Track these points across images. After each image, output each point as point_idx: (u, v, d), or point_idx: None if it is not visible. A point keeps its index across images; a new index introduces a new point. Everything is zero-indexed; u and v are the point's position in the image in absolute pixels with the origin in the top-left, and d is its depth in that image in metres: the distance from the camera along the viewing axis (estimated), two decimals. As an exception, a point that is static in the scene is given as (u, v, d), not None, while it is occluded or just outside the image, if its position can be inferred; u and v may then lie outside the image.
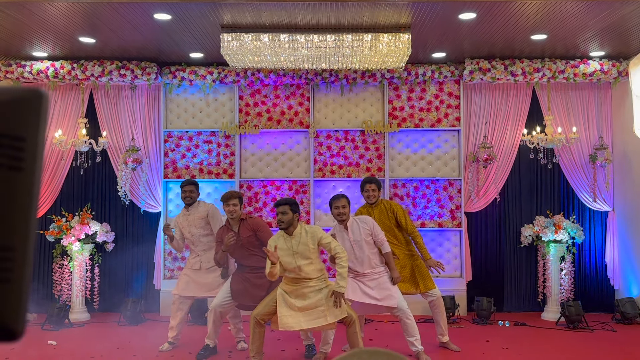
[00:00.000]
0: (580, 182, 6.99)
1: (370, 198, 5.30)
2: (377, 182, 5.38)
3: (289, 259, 4.38)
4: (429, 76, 6.93)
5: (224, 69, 6.92)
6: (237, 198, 5.01)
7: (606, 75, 6.75)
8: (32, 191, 0.57)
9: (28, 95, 0.57)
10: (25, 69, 6.74)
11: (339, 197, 4.89)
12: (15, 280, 0.55)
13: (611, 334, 5.88)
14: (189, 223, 5.39)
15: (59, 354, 5.19)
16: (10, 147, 0.55)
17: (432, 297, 5.19)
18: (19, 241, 0.56)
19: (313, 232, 4.44)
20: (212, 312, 4.99)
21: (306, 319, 4.39)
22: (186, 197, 5.42)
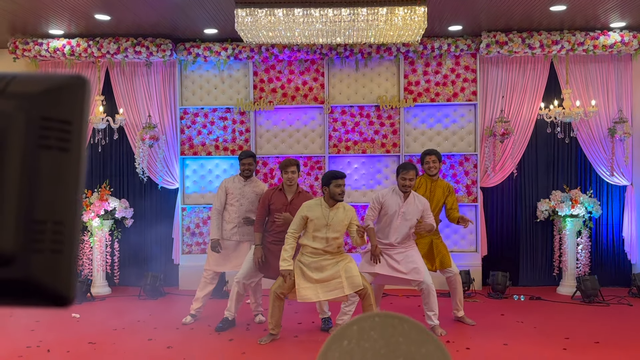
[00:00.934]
0: (598, 156, 6.91)
1: (432, 169, 5.39)
2: (438, 153, 5.48)
3: (322, 228, 4.49)
4: (445, 50, 6.85)
5: (238, 45, 6.91)
6: (294, 165, 5.03)
7: (627, 47, 6.61)
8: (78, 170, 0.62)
9: (72, 82, 0.62)
10: (42, 47, 6.79)
11: (408, 167, 4.86)
12: (66, 252, 0.60)
13: (627, 308, 5.88)
14: (242, 194, 5.37)
15: (82, 326, 5.33)
16: (59, 130, 0.60)
17: (449, 273, 5.23)
18: (68, 216, 0.60)
19: (350, 211, 4.60)
20: (237, 284, 5.04)
21: (323, 291, 4.48)
22: (245, 170, 5.40)
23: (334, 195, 4.50)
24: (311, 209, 4.53)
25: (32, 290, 0.58)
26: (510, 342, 4.64)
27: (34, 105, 0.59)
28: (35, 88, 0.60)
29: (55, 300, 0.60)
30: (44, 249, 0.58)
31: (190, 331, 5.11)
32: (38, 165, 0.58)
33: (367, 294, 4.54)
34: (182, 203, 7.08)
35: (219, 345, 4.66)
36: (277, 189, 5.10)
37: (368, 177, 7.11)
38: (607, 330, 5.00)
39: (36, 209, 0.58)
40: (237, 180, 5.46)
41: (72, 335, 4.96)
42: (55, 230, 0.59)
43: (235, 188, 5.40)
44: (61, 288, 0.59)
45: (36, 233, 0.58)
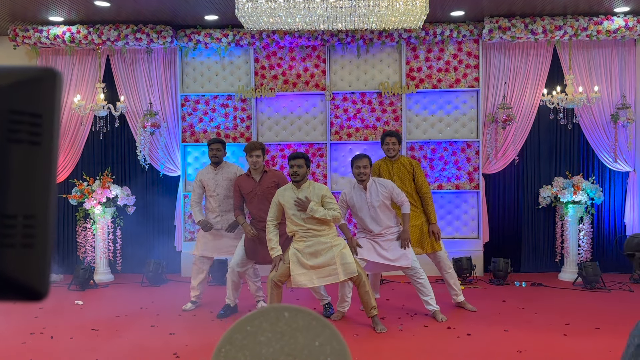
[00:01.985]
0: (600, 142, 6.88)
1: (390, 151, 5.32)
2: (398, 135, 5.41)
3: (294, 211, 4.56)
4: (447, 35, 6.80)
5: (239, 31, 6.87)
6: (259, 149, 5.08)
7: (631, 32, 6.55)
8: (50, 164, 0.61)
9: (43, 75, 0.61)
10: (42, 34, 6.76)
11: (361, 156, 4.90)
12: (38, 245, 0.60)
13: (628, 294, 5.89)
14: (215, 182, 5.41)
15: (85, 312, 5.37)
16: (29, 123, 0.59)
17: (437, 258, 5.21)
18: (40, 209, 0.60)
19: (319, 188, 4.63)
20: (230, 272, 5.10)
21: (318, 277, 4.53)
22: (213, 156, 5.42)
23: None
24: (282, 194, 4.64)
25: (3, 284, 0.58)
26: (511, 328, 4.66)
27: (3, 99, 0.58)
28: (4, 81, 0.59)
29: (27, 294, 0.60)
30: (14, 243, 0.58)
31: (193, 318, 5.15)
32: (8, 160, 0.58)
33: (362, 281, 4.57)
34: (183, 190, 7.09)
35: (221, 331, 4.66)
36: (244, 175, 5.20)
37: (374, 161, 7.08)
38: (608, 317, 5.01)
39: (6, 203, 0.58)
40: (209, 169, 5.50)
41: (75, 322, 5.00)
42: (27, 225, 0.59)
43: (208, 179, 5.45)
44: (33, 282, 0.59)
45: (6, 227, 0.57)
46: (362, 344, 4.28)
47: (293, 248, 4.61)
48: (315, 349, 0.77)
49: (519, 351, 4.09)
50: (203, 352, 4.16)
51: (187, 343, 4.36)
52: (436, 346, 4.24)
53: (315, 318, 0.80)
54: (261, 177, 5.10)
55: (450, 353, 4.09)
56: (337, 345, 0.78)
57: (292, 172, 4.61)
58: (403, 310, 5.29)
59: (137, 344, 4.36)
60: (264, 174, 5.11)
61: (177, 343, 4.36)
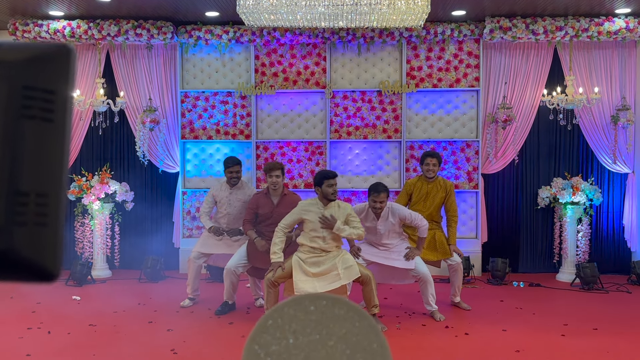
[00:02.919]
0: (600, 143, 6.89)
1: (430, 172, 5.26)
2: (439, 156, 5.35)
3: (318, 228, 4.50)
4: (448, 35, 6.80)
5: (240, 28, 6.86)
6: (279, 169, 5.00)
7: (631, 34, 6.56)
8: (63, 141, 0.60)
9: (56, 50, 0.60)
10: (42, 28, 6.74)
11: (379, 190, 4.74)
12: (51, 224, 0.58)
13: (626, 295, 5.90)
14: (229, 201, 5.37)
15: (83, 308, 5.36)
16: (42, 99, 0.58)
17: (452, 262, 5.23)
18: (53, 188, 0.59)
19: (344, 207, 4.58)
20: (227, 273, 5.08)
21: (321, 284, 4.49)
22: (232, 178, 5.34)
23: (327, 195, 4.51)
24: (307, 210, 4.55)
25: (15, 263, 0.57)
26: (509, 328, 4.66)
27: (16, 74, 0.57)
28: (18, 56, 0.58)
29: (40, 274, 0.58)
30: (27, 221, 0.57)
31: (191, 314, 5.14)
32: (21, 136, 0.57)
33: (367, 279, 4.55)
34: (182, 187, 7.08)
35: (219, 328, 4.69)
36: (262, 193, 5.11)
37: (369, 162, 7.09)
38: (606, 317, 5.02)
39: (19, 181, 0.56)
40: (224, 187, 5.45)
41: (72, 317, 4.99)
42: (39, 203, 0.57)
43: (222, 197, 5.41)
44: (45, 262, 0.58)
45: (19, 205, 0.56)
46: (360, 342, 4.28)
47: (296, 256, 4.58)
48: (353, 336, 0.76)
49: (517, 351, 4.09)
50: (201, 348, 4.15)
51: (185, 339, 4.36)
52: (434, 345, 4.24)
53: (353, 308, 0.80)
54: (279, 199, 5.01)
55: (448, 352, 4.09)
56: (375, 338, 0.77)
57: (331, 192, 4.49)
58: (401, 309, 5.29)
59: (135, 340, 4.35)
60: (283, 197, 5.02)
61: (175, 339, 4.36)
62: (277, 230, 4.59)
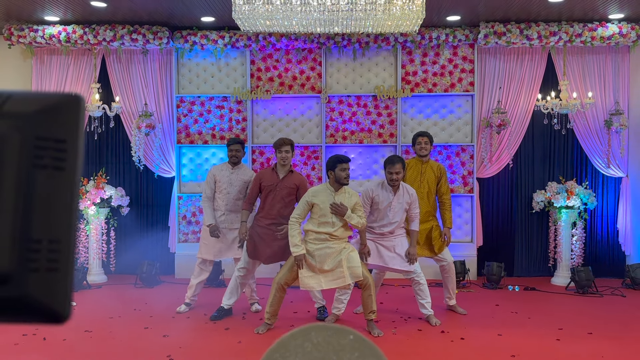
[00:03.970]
0: (594, 148, 6.93)
1: (423, 150, 5.37)
2: (429, 135, 5.46)
3: (328, 213, 4.51)
4: (443, 40, 6.83)
5: (236, 33, 6.87)
6: (289, 145, 5.04)
7: (625, 39, 6.61)
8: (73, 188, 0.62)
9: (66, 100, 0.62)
10: (37, 33, 6.74)
11: (394, 161, 4.80)
12: (62, 269, 0.60)
13: (621, 299, 5.93)
14: (230, 181, 5.35)
15: (78, 314, 5.34)
16: (54, 149, 0.60)
17: (443, 262, 5.25)
18: (64, 233, 0.61)
19: (354, 196, 4.61)
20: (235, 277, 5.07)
21: (326, 280, 4.53)
22: (233, 156, 5.37)
23: (340, 179, 4.54)
24: (317, 194, 4.55)
25: (28, 308, 0.59)
26: (504, 333, 4.68)
27: (29, 125, 0.59)
28: (30, 108, 0.60)
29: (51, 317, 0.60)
30: (40, 267, 0.58)
31: (187, 320, 5.13)
32: (33, 185, 0.58)
33: (367, 284, 4.57)
34: (178, 191, 7.08)
35: (215, 334, 4.69)
36: (269, 169, 5.15)
37: (365, 167, 7.11)
38: (601, 321, 5.04)
39: (32, 228, 0.58)
40: (225, 167, 5.45)
41: (68, 323, 4.94)
42: (51, 249, 0.59)
43: (223, 176, 5.39)
44: (57, 306, 0.60)
45: (32, 252, 0.58)
46: (356, 348, 4.28)
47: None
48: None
49: (512, 356, 4.10)
50: (197, 354, 4.15)
51: (180, 345, 4.35)
52: (430, 350, 4.25)
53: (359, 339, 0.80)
54: (285, 175, 5.04)
55: (444, 357, 4.10)
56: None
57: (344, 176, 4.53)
58: (397, 314, 5.30)
59: (131, 346, 4.34)
60: (289, 174, 5.05)
61: (171, 345, 4.35)
62: (291, 223, 4.57)
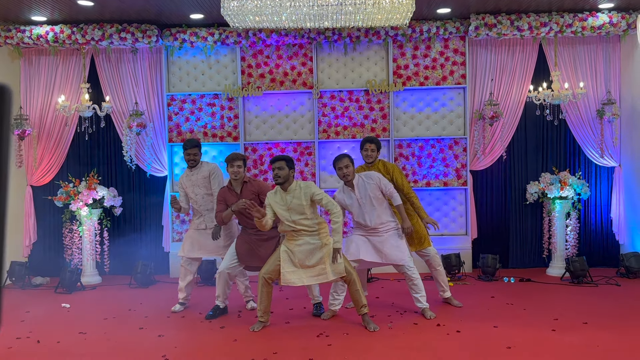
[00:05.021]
0: (586, 138, 6.94)
1: (368, 157, 5.30)
2: (377, 142, 5.37)
3: (284, 214, 4.54)
4: (434, 33, 6.81)
5: (225, 30, 6.83)
6: (241, 160, 5.05)
7: (615, 28, 6.60)
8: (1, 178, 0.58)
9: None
10: (24, 34, 6.67)
11: (341, 157, 4.87)
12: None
13: (615, 288, 5.94)
14: (192, 183, 5.39)
15: (73, 315, 5.31)
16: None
17: (426, 255, 5.22)
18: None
19: (307, 188, 4.56)
20: (220, 275, 5.06)
21: (307, 276, 4.54)
22: (190, 160, 5.39)
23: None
24: (271, 198, 4.59)
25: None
26: (500, 325, 4.68)
27: None
28: None
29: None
30: None
31: (182, 319, 5.11)
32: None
33: (352, 280, 4.59)
34: (171, 190, 7.04)
35: (210, 333, 4.66)
36: (226, 187, 5.12)
37: (358, 162, 7.06)
38: (596, 311, 5.05)
39: None
40: (186, 172, 5.47)
41: (62, 326, 4.94)
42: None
43: (186, 181, 5.43)
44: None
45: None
46: (353, 343, 4.28)
47: (284, 246, 4.60)
48: None
49: (508, 347, 4.10)
50: (192, 353, 4.13)
51: (176, 345, 4.33)
52: (426, 343, 4.24)
53: None
54: (242, 188, 5.06)
55: (440, 350, 4.09)
56: None
57: (273, 176, 4.58)
58: (392, 308, 5.29)
59: (126, 347, 4.32)
60: (244, 185, 5.06)
61: (166, 345, 4.33)
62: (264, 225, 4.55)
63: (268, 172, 7.01)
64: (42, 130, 7.08)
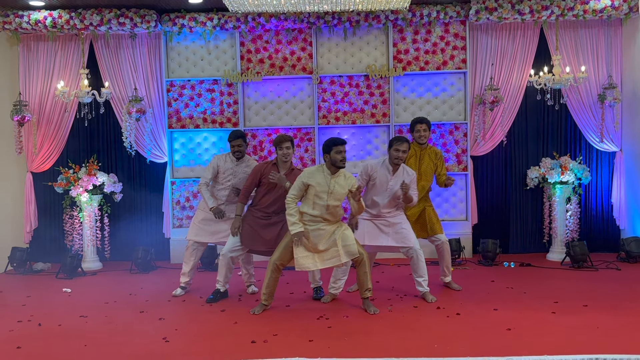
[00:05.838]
0: (587, 122, 6.91)
1: (422, 138, 5.36)
2: (428, 122, 5.42)
3: (323, 196, 4.50)
4: (434, 17, 6.76)
5: (224, 15, 6.78)
6: (289, 141, 4.96)
7: (617, 12, 6.55)
8: None
9: None
10: (23, 19, 6.64)
11: (402, 140, 4.83)
12: None
13: (616, 273, 5.95)
14: (234, 173, 5.29)
15: (74, 300, 5.32)
16: None
17: (437, 241, 5.25)
18: None
19: (351, 179, 4.60)
20: (223, 257, 5.05)
21: (321, 259, 4.57)
22: (236, 152, 5.27)
23: (336, 161, 4.51)
24: (312, 176, 4.52)
25: None
26: (500, 307, 4.68)
27: None
28: None
29: None
30: None
31: (182, 303, 5.12)
32: None
33: (362, 261, 4.60)
34: (171, 177, 7.03)
35: (211, 315, 4.67)
36: (270, 163, 5.04)
37: (358, 147, 7.07)
38: (596, 294, 5.05)
39: None
40: (229, 159, 5.36)
41: (63, 310, 4.95)
42: None
43: (227, 168, 5.32)
44: None
45: None
46: (353, 325, 4.29)
47: None
48: None
49: (508, 329, 4.11)
50: (193, 335, 4.14)
51: (176, 327, 4.34)
52: (426, 326, 4.25)
53: None
54: (287, 172, 4.95)
55: (440, 332, 4.10)
56: None
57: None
58: (393, 292, 5.30)
59: (127, 330, 4.33)
60: (290, 171, 4.97)
61: (167, 328, 4.34)
62: (288, 202, 4.55)
63: (268, 158, 6.99)
64: (41, 116, 7.06)
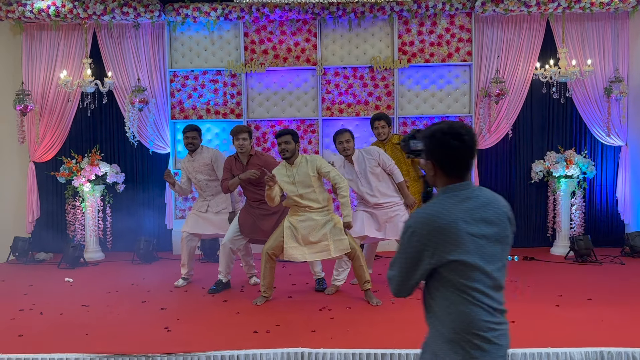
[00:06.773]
0: (593, 116, 6.86)
1: (380, 135, 5.30)
2: (387, 117, 5.35)
3: (290, 187, 4.53)
4: (440, 9, 6.71)
5: (228, 5, 6.74)
6: (246, 132, 5.00)
7: (624, 4, 6.49)
8: None
9: None
10: (26, 8, 6.60)
11: (341, 131, 4.88)
12: None
13: (620, 267, 5.91)
14: (194, 169, 5.35)
15: (76, 290, 5.32)
16: None
17: None
18: None
19: (313, 161, 4.56)
20: (223, 248, 5.05)
21: (310, 252, 4.57)
22: (188, 144, 5.31)
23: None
24: (277, 173, 4.53)
25: None
26: (503, 300, 4.65)
27: None
28: None
29: None
30: None
31: (184, 293, 5.11)
32: None
33: (356, 255, 4.58)
34: (174, 167, 7.00)
35: (213, 306, 4.66)
36: (233, 157, 5.09)
37: (362, 140, 7.03)
38: (600, 288, 5.02)
39: None
40: (187, 157, 5.42)
41: (65, 299, 4.94)
42: None
43: (188, 166, 5.38)
44: None
45: None
46: (355, 316, 4.27)
47: (287, 221, 4.59)
48: None
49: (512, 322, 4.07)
50: (195, 325, 4.12)
51: (178, 317, 4.33)
52: (429, 318, 4.23)
53: None
54: (248, 160, 5.01)
55: (443, 324, 4.08)
56: None
57: (280, 150, 4.56)
58: (396, 284, 5.27)
59: (128, 319, 4.32)
60: (250, 158, 5.02)
61: (169, 317, 4.33)
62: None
63: (272, 150, 6.96)
64: (44, 106, 7.04)
